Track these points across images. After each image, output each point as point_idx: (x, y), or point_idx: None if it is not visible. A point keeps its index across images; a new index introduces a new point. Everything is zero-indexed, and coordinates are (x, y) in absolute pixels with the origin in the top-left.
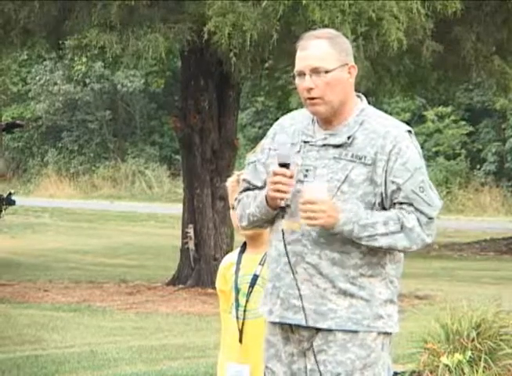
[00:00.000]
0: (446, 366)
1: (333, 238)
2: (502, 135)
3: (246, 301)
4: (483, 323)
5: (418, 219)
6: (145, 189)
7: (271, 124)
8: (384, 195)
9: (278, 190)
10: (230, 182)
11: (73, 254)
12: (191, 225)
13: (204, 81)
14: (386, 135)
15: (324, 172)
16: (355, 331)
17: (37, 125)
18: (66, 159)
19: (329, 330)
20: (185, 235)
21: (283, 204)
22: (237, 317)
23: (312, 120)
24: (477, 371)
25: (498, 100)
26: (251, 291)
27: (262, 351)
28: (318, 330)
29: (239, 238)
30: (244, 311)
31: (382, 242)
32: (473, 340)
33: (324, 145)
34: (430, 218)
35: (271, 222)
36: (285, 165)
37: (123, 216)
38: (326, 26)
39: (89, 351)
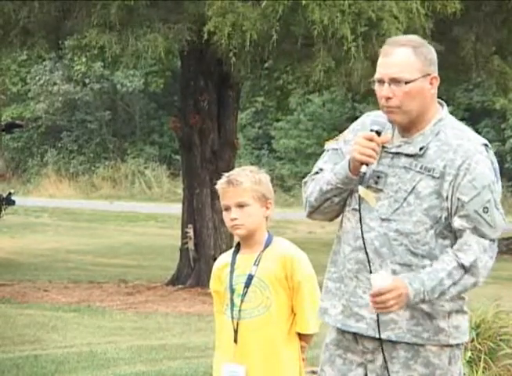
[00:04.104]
0: None
1: (395, 250)
2: (501, 135)
3: (242, 301)
4: (483, 323)
5: (478, 243)
6: (144, 189)
7: (271, 125)
8: (449, 210)
9: (363, 154)
10: (220, 184)
11: (73, 255)
12: (190, 225)
13: (204, 81)
14: (457, 149)
15: (393, 181)
16: (417, 348)
17: (36, 125)
18: (65, 159)
19: (393, 346)
20: (184, 235)
21: (364, 169)
22: (232, 317)
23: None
24: (476, 372)
25: (498, 100)
26: (246, 292)
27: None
28: (381, 343)
29: (238, 238)
30: (239, 311)
31: (453, 292)
32: (472, 340)
33: (397, 153)
34: (492, 240)
35: (342, 197)
36: (377, 132)
37: (122, 216)
38: (325, 26)
39: (89, 351)
